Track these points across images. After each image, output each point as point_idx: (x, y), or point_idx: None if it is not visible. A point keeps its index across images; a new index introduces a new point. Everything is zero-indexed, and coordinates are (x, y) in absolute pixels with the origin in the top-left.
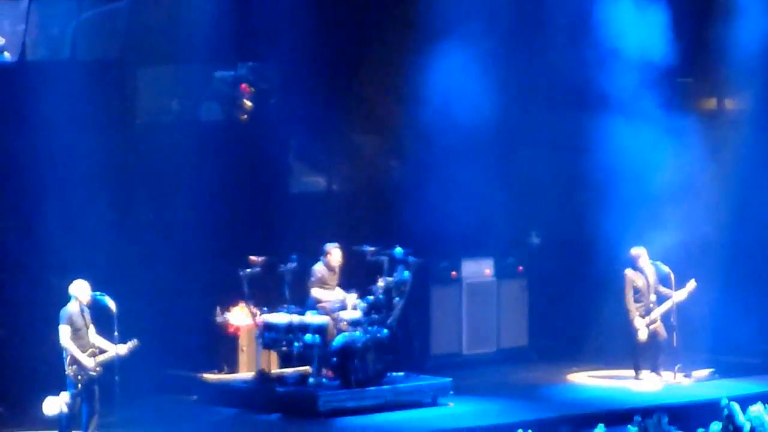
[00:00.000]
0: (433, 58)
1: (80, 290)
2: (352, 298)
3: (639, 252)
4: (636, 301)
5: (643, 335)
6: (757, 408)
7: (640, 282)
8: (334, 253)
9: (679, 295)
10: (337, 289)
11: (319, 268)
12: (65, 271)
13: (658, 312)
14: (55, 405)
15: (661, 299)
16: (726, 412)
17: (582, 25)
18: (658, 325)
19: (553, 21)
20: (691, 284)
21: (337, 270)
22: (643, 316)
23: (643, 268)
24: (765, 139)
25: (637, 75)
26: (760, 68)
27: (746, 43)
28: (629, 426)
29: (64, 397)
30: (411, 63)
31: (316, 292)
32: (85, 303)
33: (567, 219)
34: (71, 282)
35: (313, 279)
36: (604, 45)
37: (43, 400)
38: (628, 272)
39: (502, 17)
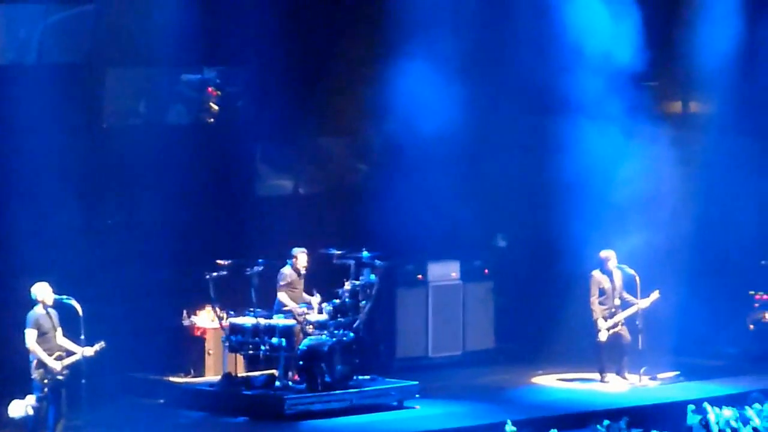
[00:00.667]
0: (400, 62)
1: (42, 292)
2: (316, 299)
3: (608, 254)
4: (600, 303)
5: (602, 337)
6: (729, 413)
7: (606, 284)
8: (300, 257)
9: (643, 303)
10: (304, 294)
11: (287, 272)
12: (32, 274)
13: (621, 316)
14: (21, 408)
15: (626, 303)
16: (699, 417)
17: (547, 30)
18: (622, 328)
19: (518, 25)
20: (655, 294)
21: (303, 274)
22: (606, 319)
23: (611, 270)
24: (729, 143)
25: (602, 78)
26: (725, 71)
27: (711, 46)
28: (598, 426)
29: (30, 400)
30: (377, 67)
31: (282, 297)
32: (48, 305)
33: (533, 222)
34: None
35: (281, 282)
36: (570, 49)
37: (8, 403)
38: (595, 274)
39: (467, 22)
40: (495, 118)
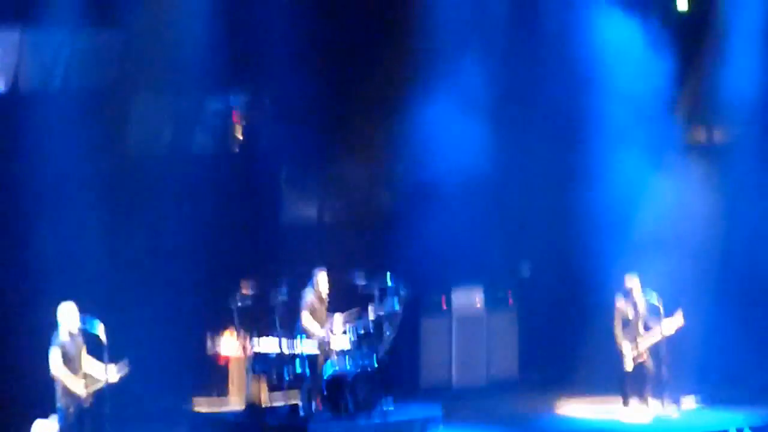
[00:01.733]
0: (426, 90)
1: (68, 314)
2: (338, 319)
3: (632, 283)
4: (625, 331)
5: (628, 365)
6: None
7: (630, 312)
8: (321, 278)
9: (666, 330)
10: (327, 317)
11: (309, 296)
12: (58, 299)
13: (645, 343)
14: (45, 428)
15: (650, 331)
16: None
17: (575, 60)
18: (646, 356)
19: (546, 56)
20: (679, 320)
21: (325, 298)
22: (631, 346)
23: (635, 299)
24: (757, 172)
25: (629, 109)
26: (751, 101)
27: (736, 77)
28: None
29: (54, 419)
30: (403, 95)
31: (306, 320)
32: (74, 327)
33: (557, 250)
34: None
35: (304, 306)
36: (597, 79)
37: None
38: (619, 302)
39: (495, 51)
40: (521, 147)
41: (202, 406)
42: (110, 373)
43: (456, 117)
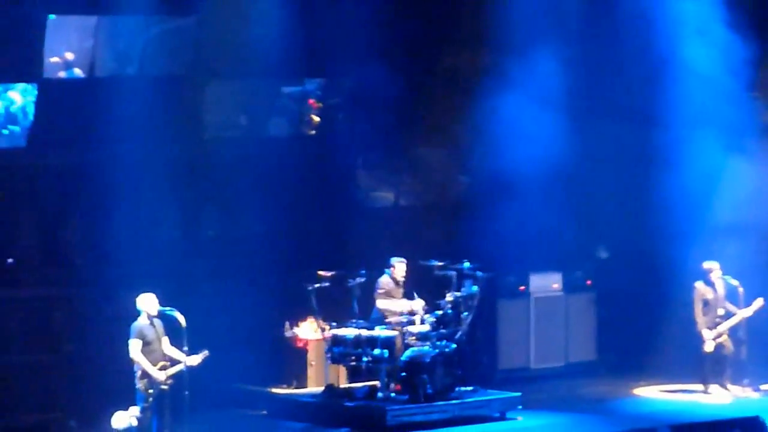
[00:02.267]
0: (503, 74)
1: (147, 303)
2: (419, 304)
3: (711, 266)
4: (704, 314)
5: (709, 347)
6: None
7: (709, 295)
8: (399, 267)
9: (746, 312)
10: (403, 300)
11: (384, 281)
12: (134, 286)
13: (725, 326)
14: (124, 419)
15: (729, 314)
16: None
17: (652, 42)
18: (725, 339)
19: (622, 38)
20: (759, 302)
21: (401, 284)
22: (710, 329)
23: (714, 281)
24: None
25: (707, 91)
26: None
27: None
28: None
29: (134, 411)
30: (480, 79)
31: (381, 303)
32: (153, 315)
33: (635, 232)
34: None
35: (379, 291)
36: (674, 60)
37: (113, 414)
38: (698, 285)
39: (570, 35)
40: (598, 131)
41: (281, 389)
42: (190, 359)
43: (533, 102)
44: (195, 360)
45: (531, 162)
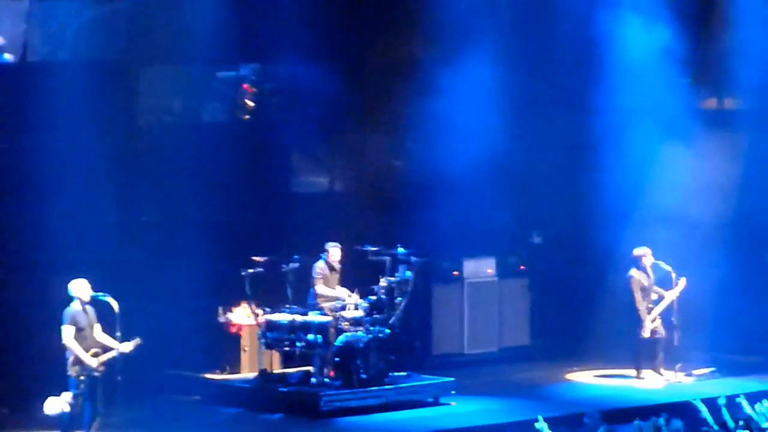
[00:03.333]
0: (438, 59)
1: (80, 289)
2: (354, 298)
3: (643, 252)
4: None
5: (647, 332)
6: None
7: (645, 282)
8: (333, 252)
9: (672, 294)
10: (338, 287)
11: (320, 266)
12: (68, 272)
13: (657, 311)
14: (57, 405)
15: (660, 299)
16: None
17: (585, 27)
18: (658, 324)
19: (556, 23)
20: (682, 282)
21: (337, 269)
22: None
23: (647, 267)
24: (765, 138)
25: (641, 77)
26: (760, 68)
27: (747, 42)
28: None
29: (66, 397)
30: (414, 63)
31: (318, 289)
32: (86, 301)
33: (568, 218)
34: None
35: (315, 276)
36: (608, 46)
37: (44, 401)
38: (634, 272)
39: (507, 20)
40: (530, 115)
41: (215, 374)
42: (123, 346)
43: (467, 86)
44: (127, 347)
45: (465, 148)
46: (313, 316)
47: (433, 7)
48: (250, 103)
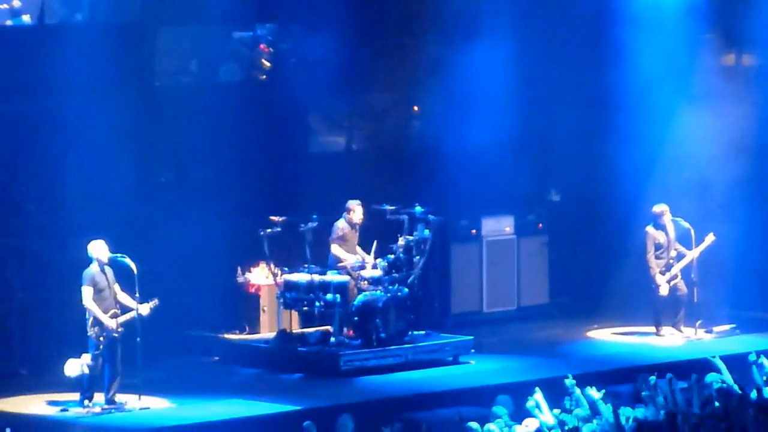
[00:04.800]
0: (453, 18)
1: (98, 250)
2: (371, 259)
3: (661, 209)
4: (657, 257)
5: (664, 291)
6: None
7: (661, 239)
8: (357, 210)
9: (697, 251)
10: (358, 248)
11: (341, 225)
12: (86, 233)
13: (677, 268)
14: (76, 366)
15: (681, 255)
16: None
17: None
18: (679, 281)
19: None
20: (710, 238)
21: (358, 228)
22: (663, 273)
23: (665, 224)
24: None
25: (656, 32)
26: None
27: None
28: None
29: (86, 358)
30: (431, 24)
31: (336, 250)
32: (104, 262)
33: (587, 175)
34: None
35: (334, 236)
36: (627, 2)
37: (64, 362)
38: (650, 229)
39: None
40: (549, 72)
41: (234, 335)
42: (141, 308)
43: (483, 43)
44: (145, 309)
45: (484, 107)
46: (332, 276)
47: None
48: (267, 64)
